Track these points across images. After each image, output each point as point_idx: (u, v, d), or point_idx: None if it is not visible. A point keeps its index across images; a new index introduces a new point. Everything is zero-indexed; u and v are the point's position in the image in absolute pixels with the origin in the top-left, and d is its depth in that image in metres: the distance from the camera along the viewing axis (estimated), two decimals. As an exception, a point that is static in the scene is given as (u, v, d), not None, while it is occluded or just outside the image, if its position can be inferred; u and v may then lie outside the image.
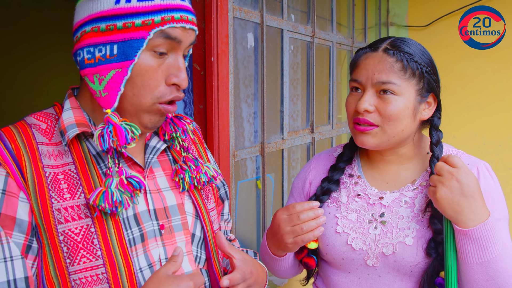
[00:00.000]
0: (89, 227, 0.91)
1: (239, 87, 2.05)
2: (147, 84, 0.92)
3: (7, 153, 0.89)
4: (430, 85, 1.24)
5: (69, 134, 0.93)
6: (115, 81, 0.91)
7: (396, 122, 1.20)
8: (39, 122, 0.97)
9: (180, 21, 0.92)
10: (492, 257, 1.09)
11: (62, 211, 0.90)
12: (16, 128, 0.94)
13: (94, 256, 0.90)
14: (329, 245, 1.26)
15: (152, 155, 1.04)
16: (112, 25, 0.90)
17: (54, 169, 0.92)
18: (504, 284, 1.10)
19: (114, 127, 0.90)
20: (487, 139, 3.46)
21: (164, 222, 1.01)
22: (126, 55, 0.90)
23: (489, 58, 3.42)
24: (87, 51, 0.92)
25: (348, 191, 1.31)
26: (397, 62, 1.20)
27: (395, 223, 1.22)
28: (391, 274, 1.21)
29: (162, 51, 0.92)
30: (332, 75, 2.89)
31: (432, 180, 1.14)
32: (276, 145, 2.23)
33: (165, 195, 1.04)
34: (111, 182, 0.92)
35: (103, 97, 0.92)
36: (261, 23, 2.04)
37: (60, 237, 0.89)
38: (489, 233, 1.10)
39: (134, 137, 0.92)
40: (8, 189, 0.88)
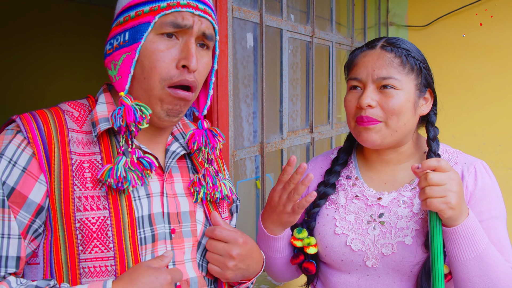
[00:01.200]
0: (106, 219, 0.94)
1: (238, 87, 2.05)
2: (154, 66, 0.96)
3: (38, 134, 0.93)
4: (427, 80, 1.26)
5: (101, 126, 0.97)
6: (126, 64, 0.97)
7: (398, 116, 1.20)
8: (72, 110, 1.02)
9: (186, 6, 0.97)
10: (482, 248, 1.10)
11: (83, 199, 0.93)
12: (50, 112, 0.98)
13: (106, 248, 0.93)
14: (328, 247, 1.26)
15: (171, 159, 1.07)
16: (127, 16, 0.98)
17: (81, 157, 0.96)
18: (495, 277, 1.11)
19: (125, 107, 0.95)
20: (486, 138, 3.46)
21: (176, 226, 1.03)
22: (134, 38, 0.96)
23: (489, 57, 3.42)
24: (109, 43, 1.01)
25: (346, 193, 1.31)
26: (395, 57, 1.21)
27: (393, 223, 1.22)
28: (391, 274, 1.21)
29: (170, 31, 0.97)
30: (331, 75, 2.89)
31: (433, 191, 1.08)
32: (276, 145, 2.23)
33: (180, 201, 1.06)
34: (120, 159, 0.95)
35: (117, 81, 0.98)
36: (260, 23, 2.04)
37: (77, 224, 0.92)
38: (474, 226, 1.11)
39: (143, 115, 0.96)
40: (29, 168, 0.91)
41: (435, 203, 1.07)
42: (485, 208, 1.20)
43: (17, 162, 0.91)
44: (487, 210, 1.20)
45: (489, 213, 1.20)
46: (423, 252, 1.18)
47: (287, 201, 1.18)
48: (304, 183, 1.14)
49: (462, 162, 1.26)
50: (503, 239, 1.19)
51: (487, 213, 1.20)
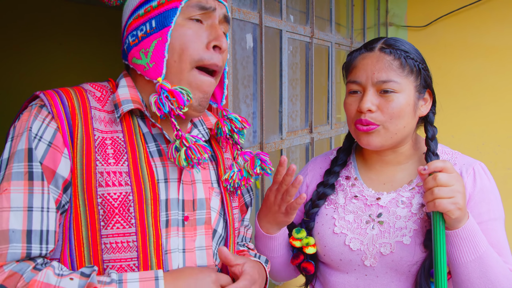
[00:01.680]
0: (128, 195, 0.94)
1: (238, 88, 2.06)
2: (186, 47, 0.97)
3: (62, 110, 0.93)
4: (426, 81, 1.26)
5: (123, 108, 0.97)
6: (158, 49, 0.97)
7: (398, 119, 1.20)
8: (94, 90, 1.02)
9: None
10: (483, 251, 1.11)
11: (105, 175, 0.93)
12: (74, 90, 0.98)
13: (128, 224, 0.93)
14: (327, 246, 1.26)
15: None
16: (149, 7, 0.99)
17: (103, 134, 0.96)
18: (495, 279, 1.12)
19: (170, 91, 0.95)
20: (485, 139, 3.46)
21: (190, 214, 1.03)
22: (163, 24, 0.97)
23: (488, 58, 3.43)
24: (131, 35, 1.01)
25: (345, 193, 1.31)
26: (395, 60, 1.21)
27: (392, 223, 1.23)
28: (389, 274, 1.22)
29: (197, 18, 0.99)
30: (331, 76, 2.89)
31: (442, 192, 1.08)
32: (275, 145, 2.24)
33: (197, 188, 1.06)
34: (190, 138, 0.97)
35: (151, 68, 0.98)
36: (259, 24, 2.05)
37: (98, 200, 0.92)
38: (475, 227, 1.12)
39: (188, 99, 0.97)
40: (54, 142, 0.91)
41: (444, 204, 1.07)
42: (484, 210, 1.20)
43: (43, 137, 0.90)
44: (486, 212, 1.20)
45: (487, 215, 1.20)
46: (422, 252, 1.19)
47: (281, 202, 1.19)
48: (294, 186, 1.15)
49: (461, 163, 1.26)
50: (501, 241, 1.20)
51: (486, 215, 1.20)
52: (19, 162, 0.88)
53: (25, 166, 0.88)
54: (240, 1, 1.96)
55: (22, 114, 0.95)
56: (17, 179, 0.87)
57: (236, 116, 1.12)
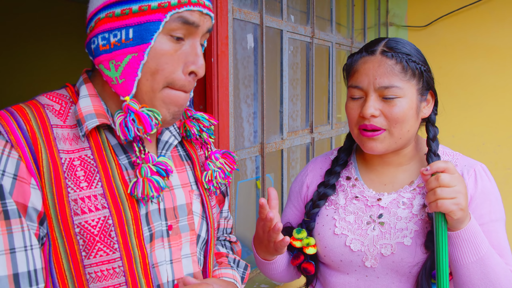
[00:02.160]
0: (107, 219, 0.87)
1: (239, 88, 2.06)
2: (162, 69, 0.89)
3: (21, 135, 0.84)
4: (429, 83, 1.24)
5: (88, 125, 0.88)
6: (131, 66, 0.88)
7: (402, 124, 1.20)
8: (52, 103, 0.92)
9: (197, 4, 0.90)
10: (484, 252, 1.11)
11: (79, 202, 0.86)
12: (29, 108, 0.88)
13: (111, 249, 0.87)
14: (327, 247, 1.26)
15: (165, 151, 1.01)
16: (127, 9, 0.87)
17: (70, 155, 0.87)
18: (497, 280, 1.12)
19: (137, 114, 0.88)
20: (486, 139, 3.46)
21: (173, 222, 0.98)
22: (142, 38, 0.87)
23: (488, 58, 3.43)
24: (102, 37, 0.90)
25: (345, 194, 1.31)
26: (397, 64, 1.19)
27: (393, 224, 1.22)
28: (390, 275, 1.22)
29: (179, 35, 0.90)
30: (331, 76, 2.90)
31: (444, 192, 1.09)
32: (276, 145, 2.24)
33: (176, 193, 1.01)
34: (146, 170, 0.89)
35: (120, 84, 0.89)
36: (260, 24, 2.05)
37: (76, 229, 0.85)
38: (477, 229, 1.12)
39: (157, 122, 0.89)
40: (19, 174, 0.82)
41: (446, 204, 1.07)
42: (485, 211, 1.20)
43: (6, 170, 0.82)
44: (487, 213, 1.20)
45: (489, 216, 1.20)
46: (422, 253, 1.19)
47: (268, 238, 1.18)
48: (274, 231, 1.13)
49: (462, 165, 1.26)
50: (503, 242, 1.20)
51: (487, 216, 1.20)
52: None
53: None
54: (241, 1, 1.96)
55: None
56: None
57: (203, 115, 1.06)
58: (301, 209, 1.39)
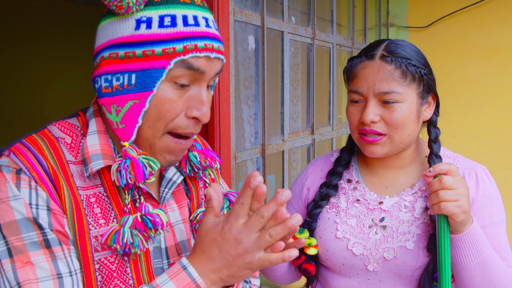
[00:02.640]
0: (123, 256, 0.88)
1: (240, 89, 2.06)
2: (163, 117, 0.87)
3: (43, 172, 0.83)
4: (430, 85, 1.23)
5: (92, 166, 0.87)
6: (132, 113, 0.86)
7: (402, 129, 1.19)
8: (64, 135, 0.91)
9: (204, 50, 0.85)
10: (486, 255, 1.11)
11: (99, 238, 0.86)
12: (44, 141, 0.88)
13: (126, 285, 0.88)
14: (329, 251, 1.26)
15: (168, 189, 0.99)
16: (131, 53, 0.84)
17: (86, 191, 0.87)
18: (498, 283, 1.13)
19: (131, 161, 0.85)
20: (487, 139, 3.46)
21: (175, 259, 0.97)
22: (144, 85, 0.84)
23: (489, 58, 3.43)
24: (105, 79, 0.87)
25: (347, 197, 1.31)
26: (396, 69, 1.18)
27: (395, 228, 1.22)
28: (392, 278, 1.22)
29: (183, 83, 0.86)
30: (332, 77, 2.90)
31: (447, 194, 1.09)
32: (277, 147, 2.24)
33: (176, 230, 0.99)
34: (126, 220, 0.87)
35: (120, 129, 0.88)
36: (261, 25, 2.05)
37: (96, 266, 0.86)
38: (479, 231, 1.12)
39: (152, 171, 0.87)
40: (52, 206, 0.83)
41: (449, 207, 1.08)
42: (487, 214, 1.21)
43: (39, 204, 0.82)
44: (489, 216, 1.21)
45: (490, 219, 1.21)
46: (425, 256, 1.18)
47: None
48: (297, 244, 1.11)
49: (463, 167, 1.26)
50: (504, 245, 1.20)
51: (489, 219, 1.20)
52: (28, 232, 0.81)
53: (38, 235, 0.81)
54: (242, 3, 1.96)
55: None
56: (34, 249, 0.80)
57: (195, 154, 1.01)
58: (301, 212, 1.39)
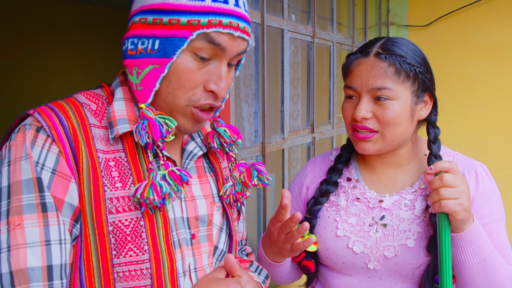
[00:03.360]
0: (139, 220, 0.89)
1: (239, 87, 2.06)
2: (183, 85, 0.89)
3: (62, 131, 0.85)
4: (425, 84, 1.22)
5: (119, 129, 0.90)
6: (151, 77, 0.89)
7: (394, 127, 1.19)
8: (90, 102, 0.94)
9: (228, 27, 0.88)
10: (487, 253, 1.11)
11: (114, 201, 0.87)
12: (69, 105, 0.90)
13: (141, 251, 0.88)
14: (329, 249, 1.26)
15: (189, 160, 1.02)
16: (158, 19, 0.88)
17: (105, 155, 0.89)
18: (499, 281, 1.12)
19: (149, 121, 0.89)
20: (487, 138, 3.46)
21: (195, 231, 0.99)
22: (165, 51, 0.87)
23: (489, 57, 3.43)
24: (132, 41, 0.91)
25: (346, 195, 1.30)
26: (390, 66, 1.17)
27: (396, 226, 1.22)
28: (393, 276, 1.21)
29: (203, 56, 0.89)
30: (332, 75, 2.89)
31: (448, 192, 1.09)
32: (277, 145, 2.24)
33: (198, 204, 1.01)
34: (155, 175, 0.89)
35: (139, 91, 0.91)
36: (261, 23, 2.05)
37: (110, 228, 0.86)
38: (480, 230, 1.12)
39: (169, 129, 0.90)
40: (58, 169, 0.84)
41: (449, 205, 1.07)
42: (487, 212, 1.20)
43: (45, 164, 0.83)
44: (488, 214, 1.20)
45: (490, 216, 1.20)
46: (425, 255, 1.18)
47: (285, 241, 1.16)
48: (299, 232, 1.10)
49: (463, 165, 1.26)
50: (504, 242, 1.20)
51: (489, 217, 1.20)
52: (29, 193, 0.82)
53: (36, 197, 0.82)
54: (242, 0, 1.96)
55: (16, 135, 0.86)
56: (30, 212, 0.81)
57: (225, 129, 1.05)
58: (301, 211, 1.38)
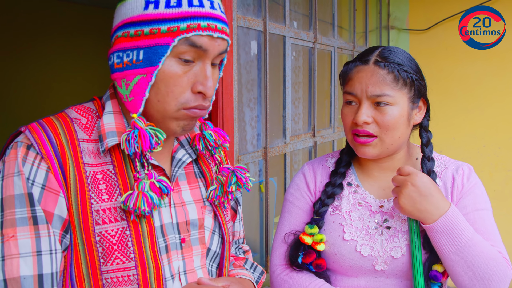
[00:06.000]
0: (125, 230, 0.93)
1: (242, 92, 2.09)
2: (171, 91, 0.93)
3: (51, 148, 0.90)
4: (420, 90, 1.29)
5: (108, 142, 0.94)
6: (140, 86, 0.93)
7: (393, 131, 1.25)
8: (80, 116, 0.98)
9: (207, 29, 0.92)
10: (464, 243, 1.16)
11: (101, 213, 0.92)
12: (59, 121, 0.95)
13: (127, 259, 0.93)
14: (337, 254, 1.29)
15: (177, 168, 1.05)
16: (140, 31, 0.92)
17: (93, 168, 0.94)
18: (485, 265, 1.17)
19: (139, 131, 0.92)
20: (486, 141, 3.49)
21: (185, 235, 1.03)
22: (151, 61, 0.91)
23: (489, 60, 3.46)
24: (117, 55, 0.95)
25: (348, 199, 1.35)
26: (388, 74, 1.24)
27: (399, 227, 1.27)
28: (398, 275, 1.26)
29: (187, 58, 0.93)
30: (333, 80, 2.93)
31: (394, 191, 1.22)
32: (279, 150, 2.27)
33: (188, 209, 1.05)
34: (144, 185, 0.93)
35: (129, 102, 0.94)
36: (264, 30, 2.09)
37: (97, 238, 0.91)
38: (453, 221, 1.17)
39: (158, 141, 0.93)
40: (48, 185, 0.89)
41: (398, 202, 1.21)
42: (469, 203, 1.27)
43: (35, 180, 0.89)
44: (471, 204, 1.27)
45: (473, 206, 1.27)
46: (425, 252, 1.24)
47: None
48: None
49: (451, 166, 1.33)
50: (489, 228, 1.25)
51: (472, 206, 1.27)
52: (21, 208, 0.88)
53: (28, 211, 0.88)
54: (244, 8, 2.00)
55: (9, 151, 0.92)
56: (22, 225, 0.87)
57: (211, 133, 1.08)
58: (309, 207, 1.40)
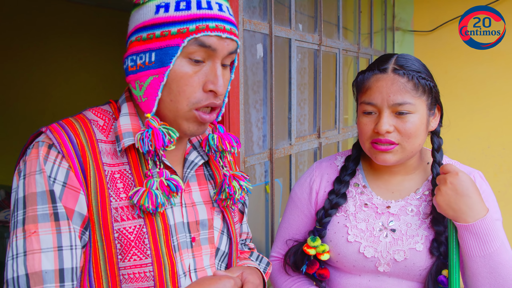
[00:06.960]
0: (141, 227, 0.97)
1: (248, 93, 2.11)
2: (182, 90, 0.97)
3: (71, 148, 0.94)
4: (437, 98, 1.31)
5: (124, 142, 0.98)
6: (153, 87, 0.97)
7: (415, 138, 1.26)
8: (97, 118, 1.02)
9: (215, 30, 0.96)
10: (492, 250, 1.18)
11: (119, 210, 0.96)
12: (78, 122, 0.99)
13: (144, 255, 0.97)
14: (340, 254, 1.32)
15: (189, 170, 1.09)
16: (151, 34, 0.96)
17: (111, 168, 0.98)
18: (507, 275, 1.19)
19: (153, 130, 0.96)
20: (491, 142, 3.50)
21: (196, 235, 1.07)
22: (162, 61, 0.95)
23: (493, 62, 3.47)
24: (131, 59, 0.99)
25: (354, 201, 1.36)
26: (408, 81, 1.25)
27: (404, 231, 1.29)
28: (400, 277, 1.29)
29: (197, 58, 0.97)
30: (338, 81, 2.95)
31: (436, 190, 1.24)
32: (284, 151, 2.29)
33: (198, 209, 1.09)
34: (153, 183, 0.97)
35: (143, 102, 0.99)
36: (269, 34, 2.11)
37: (115, 234, 0.95)
38: (488, 227, 1.18)
39: (171, 139, 0.97)
40: (69, 182, 0.93)
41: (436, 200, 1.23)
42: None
43: (57, 178, 0.92)
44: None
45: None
46: (431, 258, 1.26)
47: None
48: None
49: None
50: (502, 239, 1.27)
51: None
52: (43, 204, 0.91)
53: (49, 207, 0.91)
54: (250, 10, 2.02)
55: (30, 151, 0.95)
56: (44, 221, 0.90)
57: (213, 137, 1.10)
58: (311, 215, 1.43)
